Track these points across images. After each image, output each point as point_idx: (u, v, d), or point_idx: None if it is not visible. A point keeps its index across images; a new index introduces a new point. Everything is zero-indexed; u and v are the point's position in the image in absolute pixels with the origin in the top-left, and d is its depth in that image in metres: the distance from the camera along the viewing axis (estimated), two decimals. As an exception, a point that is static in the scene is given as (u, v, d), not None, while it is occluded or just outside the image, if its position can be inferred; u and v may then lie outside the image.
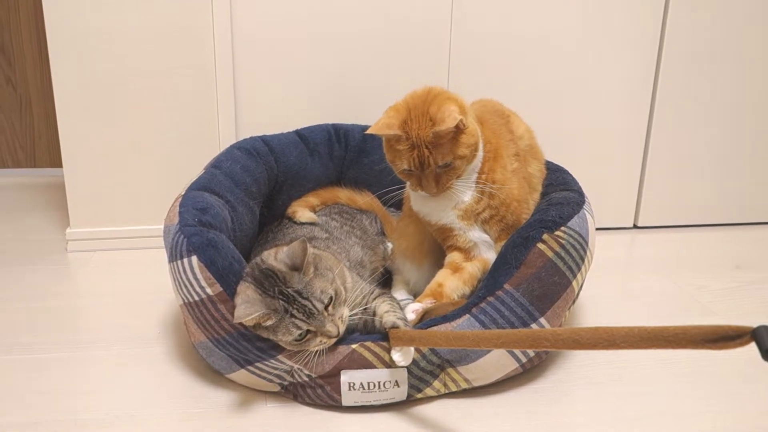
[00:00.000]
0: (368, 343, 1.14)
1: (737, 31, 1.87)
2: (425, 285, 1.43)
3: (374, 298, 1.22)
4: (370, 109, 1.79)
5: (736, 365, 1.30)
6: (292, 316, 1.08)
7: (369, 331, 1.19)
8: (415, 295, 1.45)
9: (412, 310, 1.23)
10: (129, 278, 1.66)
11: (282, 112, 1.78)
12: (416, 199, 1.35)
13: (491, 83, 1.82)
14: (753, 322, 1.44)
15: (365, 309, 1.20)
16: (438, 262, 1.42)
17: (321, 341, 1.11)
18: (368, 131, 1.25)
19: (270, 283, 1.10)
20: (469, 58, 1.80)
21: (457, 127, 1.19)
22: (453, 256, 1.34)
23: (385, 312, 1.16)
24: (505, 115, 1.38)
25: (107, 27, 1.68)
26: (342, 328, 1.12)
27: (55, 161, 2.40)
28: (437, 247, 1.42)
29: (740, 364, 1.31)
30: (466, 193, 1.28)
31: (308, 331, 1.09)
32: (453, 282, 1.30)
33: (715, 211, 2.05)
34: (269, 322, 1.08)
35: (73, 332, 1.40)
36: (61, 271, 1.71)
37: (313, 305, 1.09)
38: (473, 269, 1.31)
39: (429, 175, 1.23)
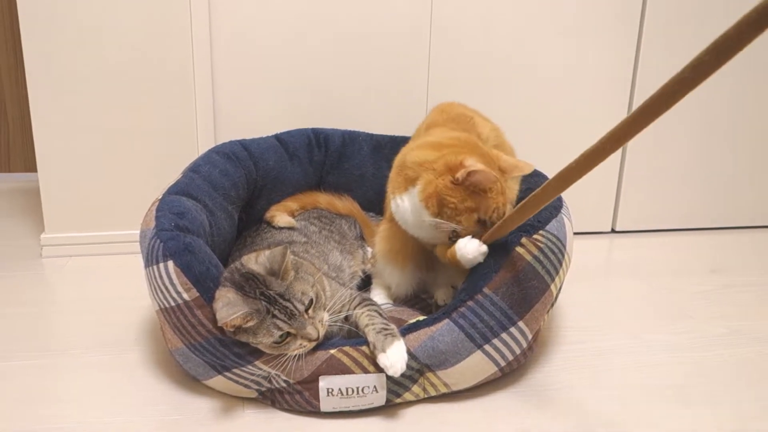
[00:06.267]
0: (346, 348, 1.13)
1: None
2: (408, 288, 1.43)
3: (355, 306, 1.21)
4: (350, 115, 1.80)
5: (715, 368, 1.32)
6: (274, 316, 1.07)
7: (350, 335, 1.19)
8: (395, 300, 1.45)
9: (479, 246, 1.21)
10: (105, 284, 1.64)
11: (261, 116, 1.77)
12: (410, 223, 1.30)
13: (470, 89, 1.83)
14: (728, 325, 1.47)
15: (345, 318, 1.19)
16: (421, 266, 1.41)
17: (301, 344, 1.10)
18: (481, 173, 1.15)
19: (251, 285, 1.09)
20: (448, 67, 1.81)
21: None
22: None
23: (365, 326, 1.16)
24: (468, 117, 1.37)
25: (82, 32, 1.66)
26: (322, 332, 1.12)
27: (30, 166, 2.37)
28: (420, 251, 1.41)
29: (721, 366, 1.32)
30: None
31: (288, 334, 1.09)
32: None
33: (692, 215, 2.07)
34: (251, 323, 1.07)
35: (48, 339, 1.38)
36: (35, 276, 1.68)
37: (294, 306, 1.08)
38: None
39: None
